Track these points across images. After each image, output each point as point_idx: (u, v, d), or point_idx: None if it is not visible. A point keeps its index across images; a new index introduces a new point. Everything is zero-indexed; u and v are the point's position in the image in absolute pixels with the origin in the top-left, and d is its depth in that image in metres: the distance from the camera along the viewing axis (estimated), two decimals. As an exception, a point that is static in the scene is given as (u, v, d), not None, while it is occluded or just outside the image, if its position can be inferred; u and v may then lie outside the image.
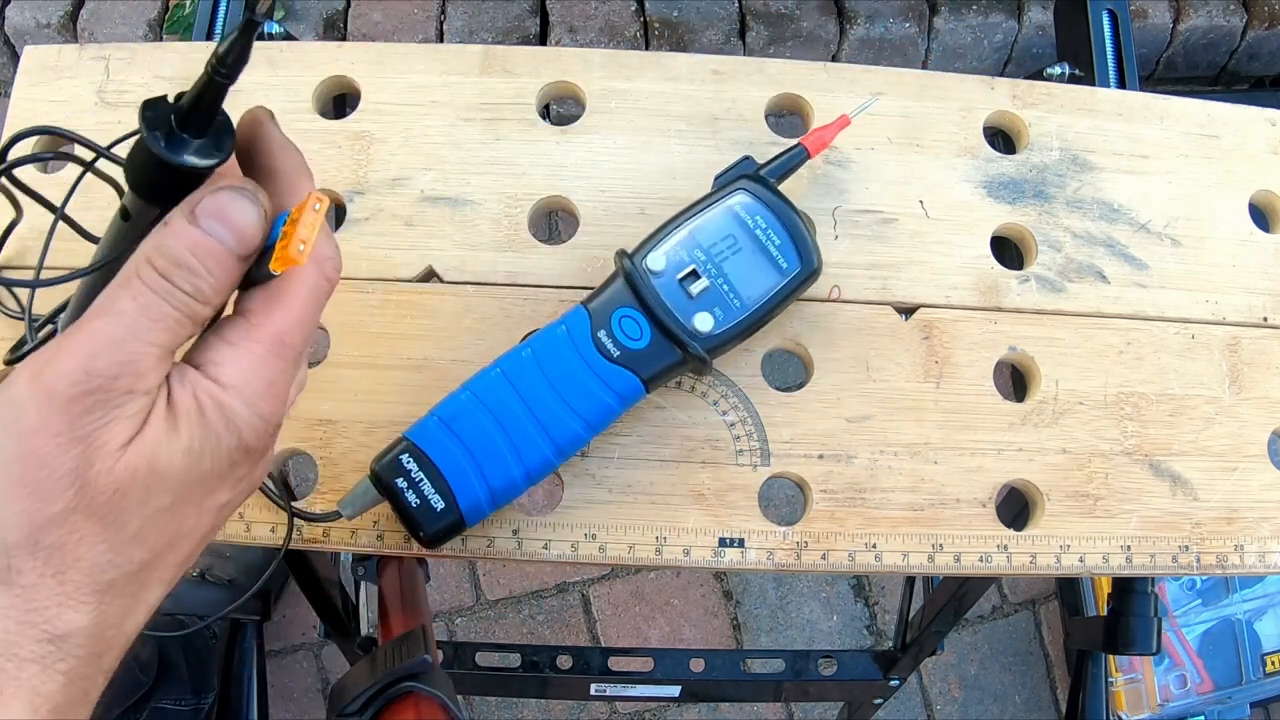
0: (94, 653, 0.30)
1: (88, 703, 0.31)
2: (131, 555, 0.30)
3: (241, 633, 0.88)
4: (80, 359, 0.29)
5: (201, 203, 0.30)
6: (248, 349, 0.31)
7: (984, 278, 0.55)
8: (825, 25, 1.45)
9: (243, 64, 0.30)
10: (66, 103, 0.55)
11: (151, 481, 0.30)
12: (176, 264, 0.30)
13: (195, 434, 0.31)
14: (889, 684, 0.97)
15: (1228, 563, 0.53)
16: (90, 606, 0.30)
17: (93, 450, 0.29)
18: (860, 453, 0.52)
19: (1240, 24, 1.51)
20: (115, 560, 0.30)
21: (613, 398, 0.47)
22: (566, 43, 1.42)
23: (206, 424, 0.31)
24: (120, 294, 0.30)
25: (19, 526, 0.29)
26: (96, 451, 0.29)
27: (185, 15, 1.40)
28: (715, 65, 0.58)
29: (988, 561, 0.51)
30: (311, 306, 0.33)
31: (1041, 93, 0.59)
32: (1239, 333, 0.56)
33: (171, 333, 0.30)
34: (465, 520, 0.46)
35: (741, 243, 0.48)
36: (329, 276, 0.33)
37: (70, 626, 0.30)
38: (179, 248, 0.30)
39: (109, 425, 0.29)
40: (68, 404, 0.29)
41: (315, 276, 0.33)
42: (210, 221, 0.30)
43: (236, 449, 0.32)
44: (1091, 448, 0.53)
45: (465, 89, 0.56)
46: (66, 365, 0.29)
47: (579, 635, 1.37)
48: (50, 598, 0.29)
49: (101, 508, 0.29)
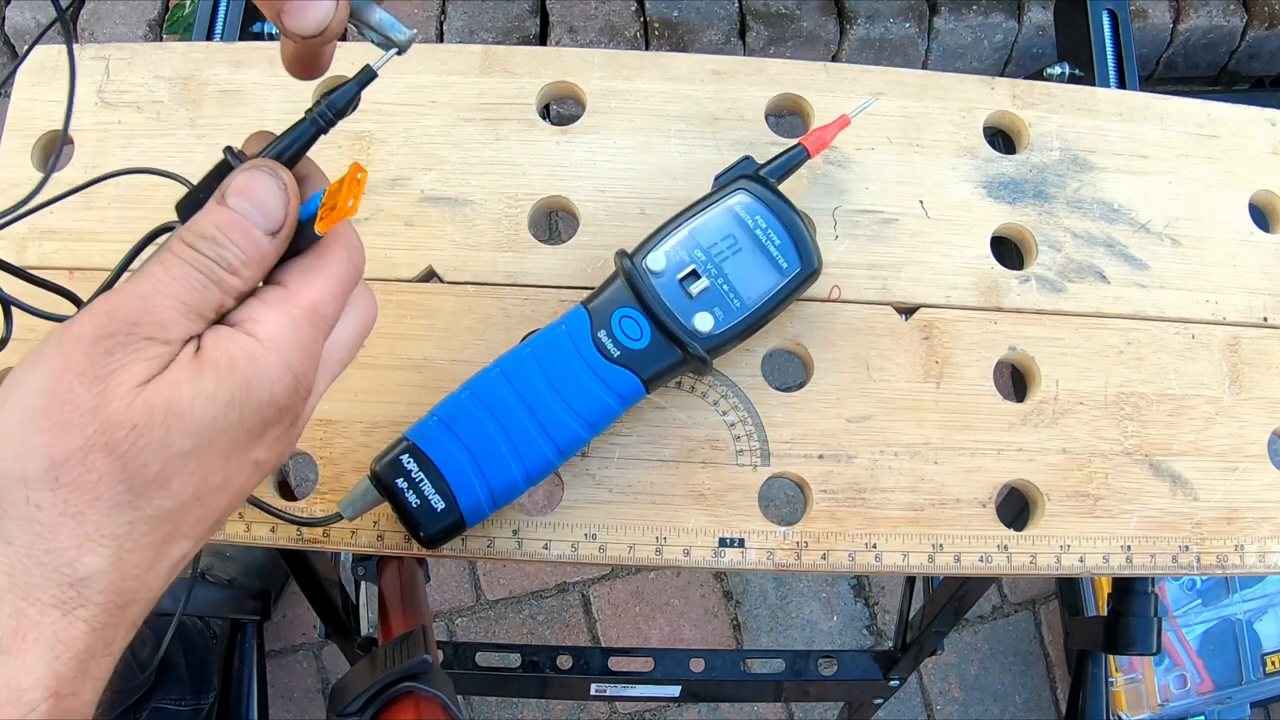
0: (115, 602, 0.30)
1: (110, 656, 0.31)
2: (151, 498, 0.31)
3: (241, 633, 0.88)
4: (105, 308, 0.30)
5: (229, 185, 0.33)
6: (285, 310, 0.33)
7: (984, 278, 0.55)
8: (825, 25, 1.45)
9: (348, 114, 0.34)
10: (66, 102, 0.55)
11: (171, 422, 0.30)
12: (202, 236, 0.32)
13: (223, 383, 0.31)
14: (889, 684, 0.97)
15: (1228, 563, 0.53)
16: (109, 550, 0.30)
17: (111, 388, 0.30)
18: (860, 453, 0.52)
19: (1240, 24, 1.51)
20: (134, 502, 0.30)
21: (613, 398, 0.47)
22: (566, 43, 1.42)
23: (236, 374, 0.31)
24: (153, 263, 0.32)
25: (39, 460, 0.29)
26: (115, 389, 0.30)
27: (185, 15, 1.40)
28: (715, 65, 0.58)
29: (988, 561, 0.51)
30: (344, 284, 0.34)
31: (1041, 93, 0.59)
32: (1239, 333, 0.56)
33: (194, 292, 0.32)
34: (465, 520, 0.46)
35: (741, 243, 0.48)
36: (356, 264, 0.35)
37: (90, 569, 0.30)
38: (206, 223, 0.32)
39: (127, 365, 0.30)
40: (90, 345, 0.30)
41: (346, 259, 0.35)
42: (236, 199, 0.33)
43: (268, 404, 0.32)
44: (1091, 448, 0.53)
45: (465, 89, 0.56)
46: (92, 312, 0.30)
47: (579, 635, 1.37)
48: (69, 538, 0.29)
49: (119, 444, 0.30)
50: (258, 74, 0.56)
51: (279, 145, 0.35)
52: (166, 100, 0.55)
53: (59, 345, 0.30)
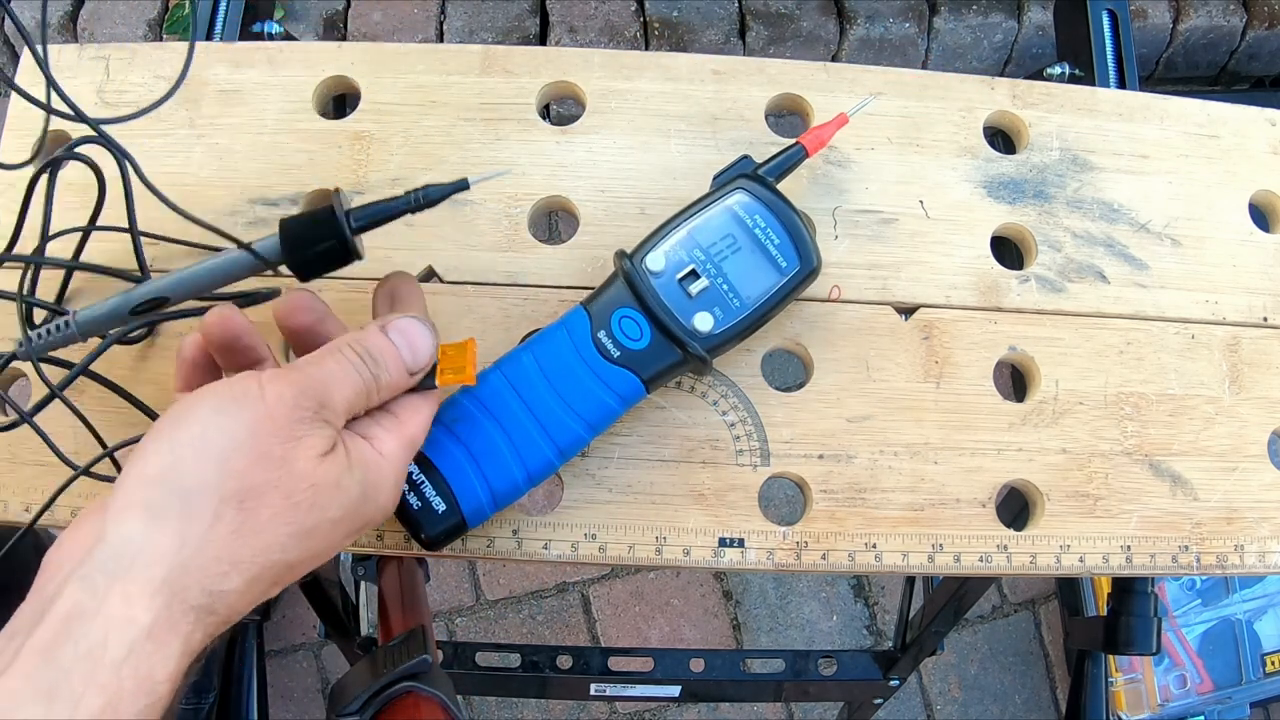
0: (228, 620, 0.35)
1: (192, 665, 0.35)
2: (295, 548, 0.36)
3: (241, 633, 0.88)
4: (299, 385, 0.37)
5: (394, 321, 0.42)
6: (398, 436, 0.41)
7: (984, 278, 0.55)
8: (825, 25, 1.45)
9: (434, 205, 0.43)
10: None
11: (335, 495, 0.37)
12: (368, 353, 0.40)
13: (366, 479, 0.39)
14: (889, 684, 0.97)
15: (1228, 563, 0.53)
16: (247, 578, 0.35)
17: (300, 450, 0.36)
18: (860, 453, 0.52)
19: (1240, 24, 1.51)
20: (286, 545, 0.36)
21: (613, 398, 0.47)
22: (566, 43, 1.42)
23: (369, 477, 0.39)
24: (326, 357, 0.39)
25: (235, 481, 0.35)
26: (303, 451, 0.36)
27: (185, 15, 1.40)
28: (715, 65, 0.58)
29: (988, 561, 0.51)
30: (429, 423, 0.43)
31: (1041, 93, 0.59)
32: (1239, 333, 0.56)
33: (356, 394, 0.39)
34: (467, 522, 0.46)
35: (741, 242, 0.48)
36: (435, 407, 0.44)
37: (229, 587, 0.35)
38: (375, 344, 0.40)
39: (311, 436, 0.37)
40: (290, 409, 0.37)
41: (436, 404, 0.44)
42: (398, 335, 0.41)
43: (380, 508, 0.40)
44: (1091, 448, 0.53)
45: (465, 89, 0.56)
46: (288, 385, 0.37)
47: (579, 635, 1.37)
48: (230, 554, 0.35)
49: (296, 494, 0.36)
50: (258, 74, 0.56)
51: (371, 210, 0.43)
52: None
53: (262, 399, 0.36)
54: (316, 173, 0.54)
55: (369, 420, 0.41)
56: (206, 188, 0.54)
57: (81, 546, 0.34)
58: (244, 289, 0.47)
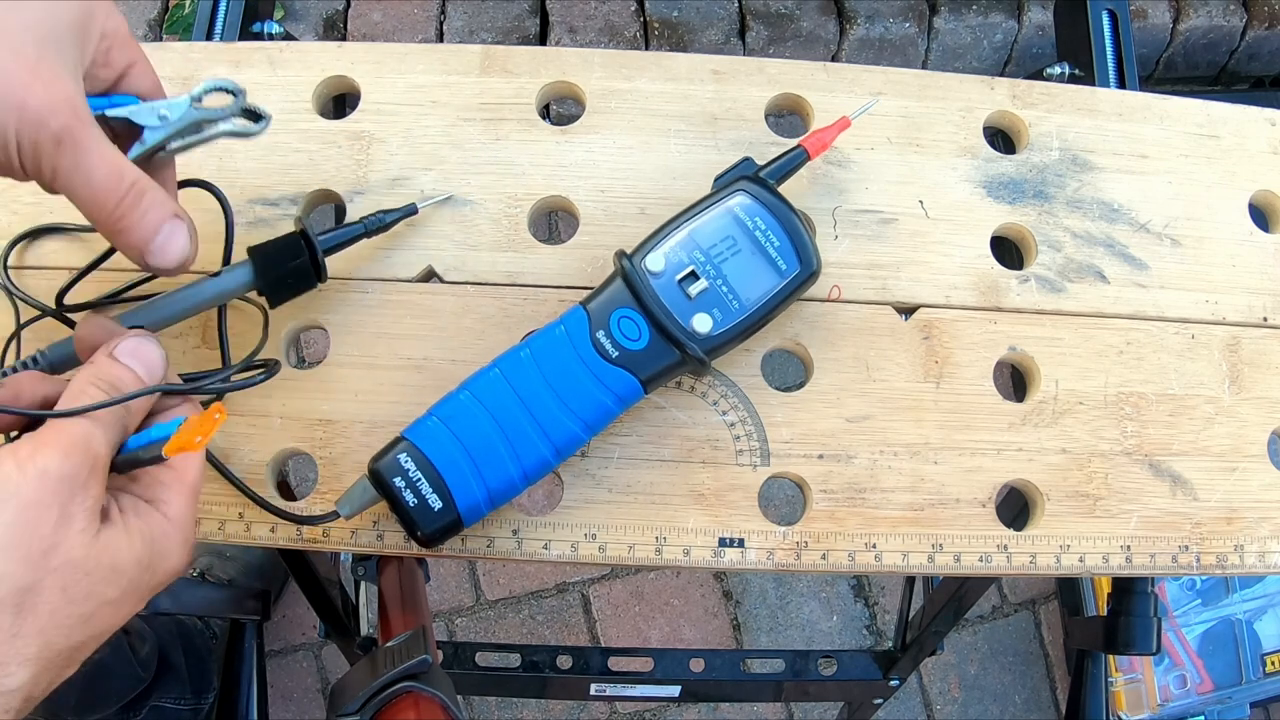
0: (22, 709, 0.34)
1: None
2: (79, 632, 0.35)
3: (241, 633, 0.88)
4: (63, 450, 0.35)
5: (119, 345, 0.40)
6: (179, 491, 0.39)
7: (984, 278, 0.55)
8: (825, 25, 1.45)
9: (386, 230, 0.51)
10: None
11: (110, 576, 0.36)
12: (112, 385, 0.39)
13: (147, 550, 0.37)
14: (889, 684, 0.97)
15: (1228, 563, 0.53)
16: (30, 672, 0.34)
17: (69, 534, 0.34)
18: (860, 453, 0.52)
19: (1240, 24, 1.51)
20: (71, 632, 0.35)
21: (611, 399, 0.47)
22: (566, 43, 1.42)
23: (156, 546, 0.37)
24: (77, 404, 0.37)
25: (6, 585, 0.33)
26: (72, 535, 0.34)
27: (185, 15, 1.40)
28: (715, 65, 0.58)
29: (988, 561, 0.51)
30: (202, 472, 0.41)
31: (1041, 93, 0.59)
32: (1239, 333, 0.56)
33: (116, 434, 0.38)
34: (463, 520, 0.46)
35: (741, 244, 0.48)
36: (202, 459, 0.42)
37: (12, 685, 0.33)
38: (112, 374, 0.39)
39: (79, 514, 0.35)
40: (56, 484, 0.34)
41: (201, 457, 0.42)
42: (129, 358, 0.40)
43: (171, 572, 0.39)
44: (1091, 448, 0.53)
45: (465, 89, 0.56)
46: (52, 457, 0.35)
47: (579, 635, 1.37)
48: (12, 657, 0.33)
49: (72, 586, 0.34)
50: (258, 74, 0.56)
51: (334, 235, 0.48)
52: (166, 100, 0.55)
53: (23, 484, 0.34)
54: (316, 173, 0.54)
55: (156, 483, 0.39)
56: (206, 188, 0.54)
57: None
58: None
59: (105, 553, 0.36)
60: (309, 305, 0.52)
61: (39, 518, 0.34)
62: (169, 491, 0.39)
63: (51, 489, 0.34)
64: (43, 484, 0.34)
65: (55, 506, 0.34)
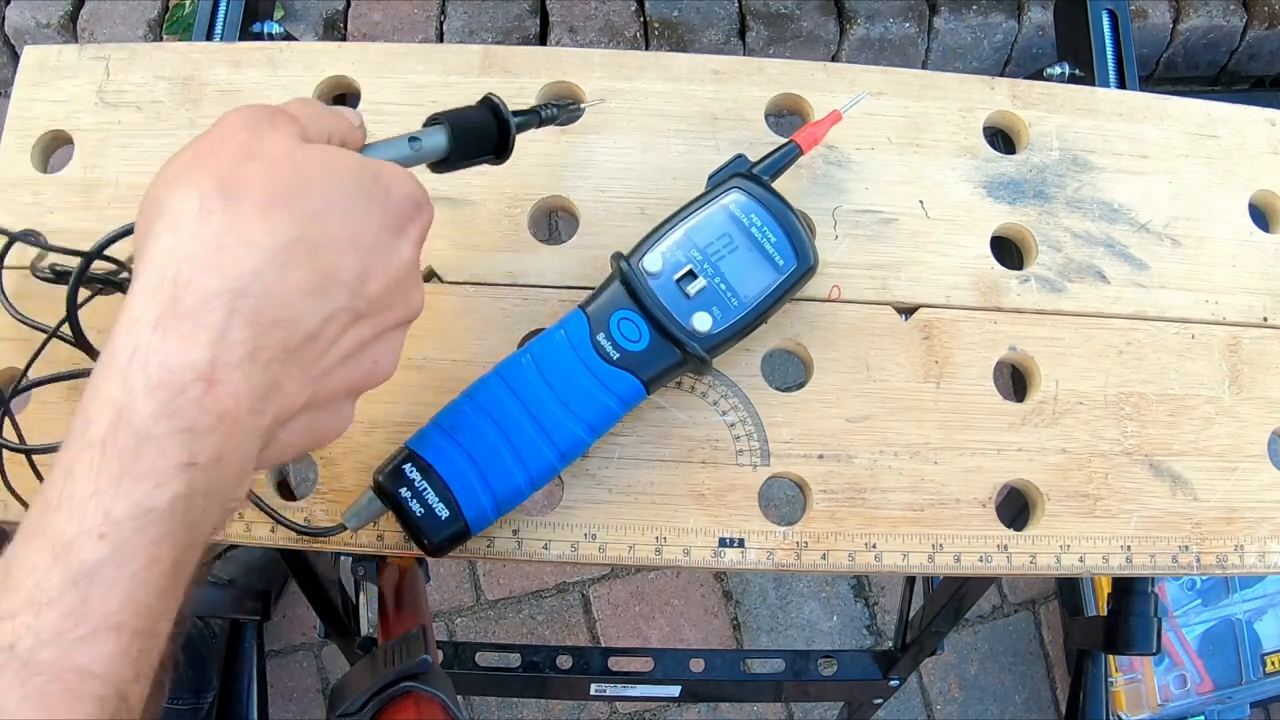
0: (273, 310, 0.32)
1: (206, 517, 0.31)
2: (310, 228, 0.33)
3: (241, 633, 0.88)
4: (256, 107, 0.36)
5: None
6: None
7: (984, 278, 0.55)
8: (825, 25, 1.45)
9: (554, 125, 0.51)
10: (67, 102, 0.55)
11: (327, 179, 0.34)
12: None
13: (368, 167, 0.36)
14: (889, 684, 0.97)
15: (1228, 563, 0.53)
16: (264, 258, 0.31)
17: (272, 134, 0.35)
18: (860, 453, 0.52)
19: (1240, 24, 1.51)
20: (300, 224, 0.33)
21: (613, 400, 0.47)
22: (566, 43, 1.42)
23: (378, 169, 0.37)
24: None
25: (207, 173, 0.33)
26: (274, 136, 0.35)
27: (185, 15, 1.40)
28: (715, 65, 0.58)
29: (988, 561, 0.51)
30: None
31: (1041, 93, 0.59)
32: (1239, 333, 0.56)
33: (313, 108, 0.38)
34: (470, 528, 0.46)
35: (737, 241, 0.48)
36: None
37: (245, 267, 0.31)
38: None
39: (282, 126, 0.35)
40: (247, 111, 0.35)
41: None
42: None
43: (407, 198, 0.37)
44: (1091, 448, 0.53)
45: (465, 89, 0.56)
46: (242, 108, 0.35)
47: (579, 635, 1.37)
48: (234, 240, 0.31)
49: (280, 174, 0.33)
50: (258, 74, 0.56)
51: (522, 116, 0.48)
52: (166, 100, 0.55)
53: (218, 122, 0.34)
54: (316, 173, 0.54)
55: None
56: (206, 188, 0.54)
57: None
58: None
59: (316, 152, 0.34)
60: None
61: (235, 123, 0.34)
62: None
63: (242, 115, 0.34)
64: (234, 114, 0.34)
65: (249, 119, 0.34)
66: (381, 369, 0.37)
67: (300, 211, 0.33)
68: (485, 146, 0.46)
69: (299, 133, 0.35)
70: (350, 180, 0.35)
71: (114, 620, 0.29)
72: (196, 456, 0.30)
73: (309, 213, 0.33)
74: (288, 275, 0.32)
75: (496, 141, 0.46)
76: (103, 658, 0.28)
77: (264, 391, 0.32)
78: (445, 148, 0.44)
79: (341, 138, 0.38)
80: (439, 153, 0.44)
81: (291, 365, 0.33)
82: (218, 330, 0.30)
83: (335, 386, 0.35)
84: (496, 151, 0.47)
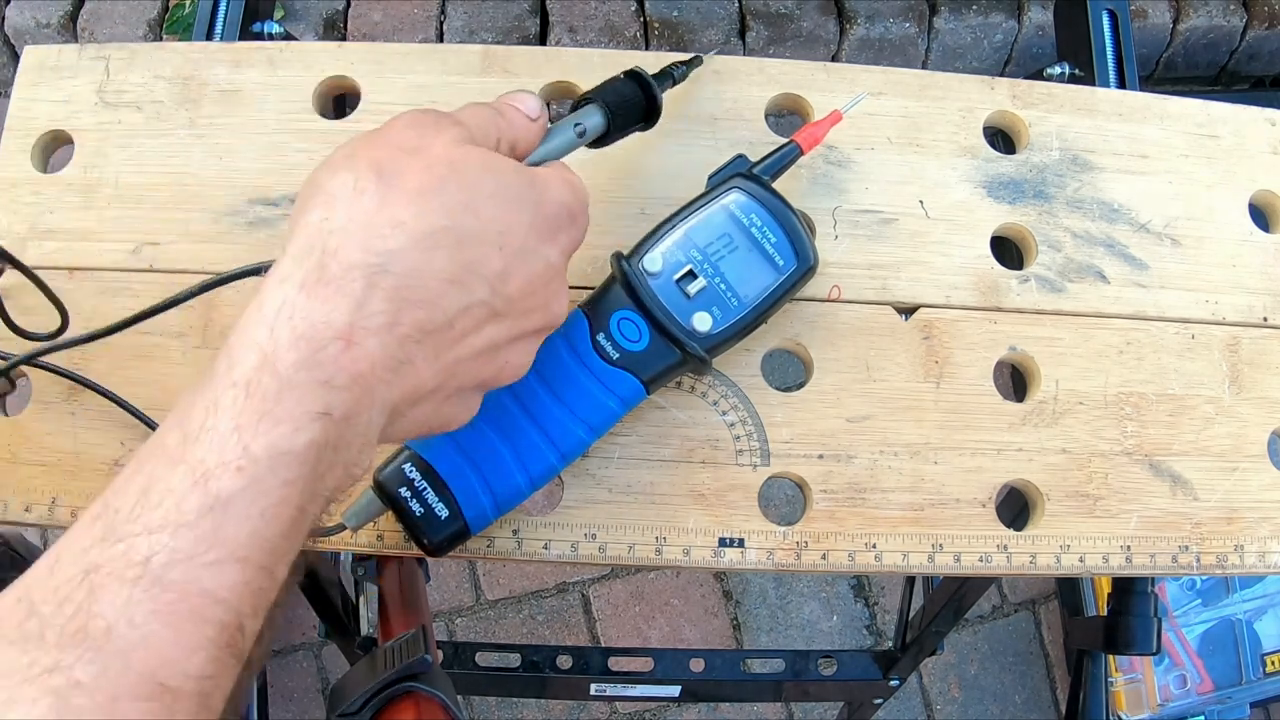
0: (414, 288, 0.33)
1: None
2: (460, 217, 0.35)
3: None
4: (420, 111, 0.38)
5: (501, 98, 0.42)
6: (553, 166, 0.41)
7: (984, 278, 0.55)
8: (825, 25, 1.45)
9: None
10: (67, 102, 0.55)
11: (482, 174, 0.36)
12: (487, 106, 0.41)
13: (523, 174, 0.38)
14: (889, 684, 0.97)
15: (1228, 563, 0.53)
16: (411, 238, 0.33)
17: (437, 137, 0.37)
18: (860, 453, 0.52)
19: (1240, 24, 1.51)
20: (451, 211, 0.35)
21: (614, 401, 0.47)
22: (566, 43, 1.42)
23: (534, 175, 0.39)
24: None
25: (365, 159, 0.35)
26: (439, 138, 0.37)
27: (185, 15, 1.40)
28: (715, 65, 0.58)
29: (988, 561, 0.51)
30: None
31: (1041, 93, 0.59)
32: (1239, 333, 0.56)
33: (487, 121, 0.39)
34: (470, 528, 0.46)
35: (737, 241, 0.48)
36: None
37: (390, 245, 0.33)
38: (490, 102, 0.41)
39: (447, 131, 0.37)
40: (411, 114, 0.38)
41: None
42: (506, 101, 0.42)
43: (560, 205, 0.39)
44: (1091, 448, 0.53)
45: (465, 89, 0.56)
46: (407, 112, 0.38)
47: (579, 635, 1.37)
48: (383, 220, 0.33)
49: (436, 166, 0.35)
50: (258, 74, 0.56)
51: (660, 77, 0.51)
52: (166, 100, 0.55)
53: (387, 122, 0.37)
54: (316, 173, 0.54)
55: None
56: (206, 188, 0.54)
57: None
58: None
59: (473, 153, 0.36)
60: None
61: (403, 124, 0.36)
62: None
63: (413, 115, 0.37)
64: (398, 117, 0.37)
65: (413, 123, 0.36)
66: (510, 370, 0.39)
67: (451, 202, 0.34)
68: (636, 116, 0.49)
69: (463, 135, 0.37)
70: (505, 182, 0.36)
71: (241, 552, 0.30)
72: (332, 409, 0.31)
73: (459, 204, 0.34)
74: (431, 260, 0.34)
75: (645, 109, 0.49)
76: (228, 585, 0.30)
77: (397, 365, 0.33)
78: (604, 125, 0.47)
79: (512, 141, 0.40)
80: (599, 131, 0.47)
81: (426, 346, 0.34)
82: (357, 299, 0.32)
83: (465, 378, 0.37)
84: (645, 118, 0.50)
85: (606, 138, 0.48)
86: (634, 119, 0.49)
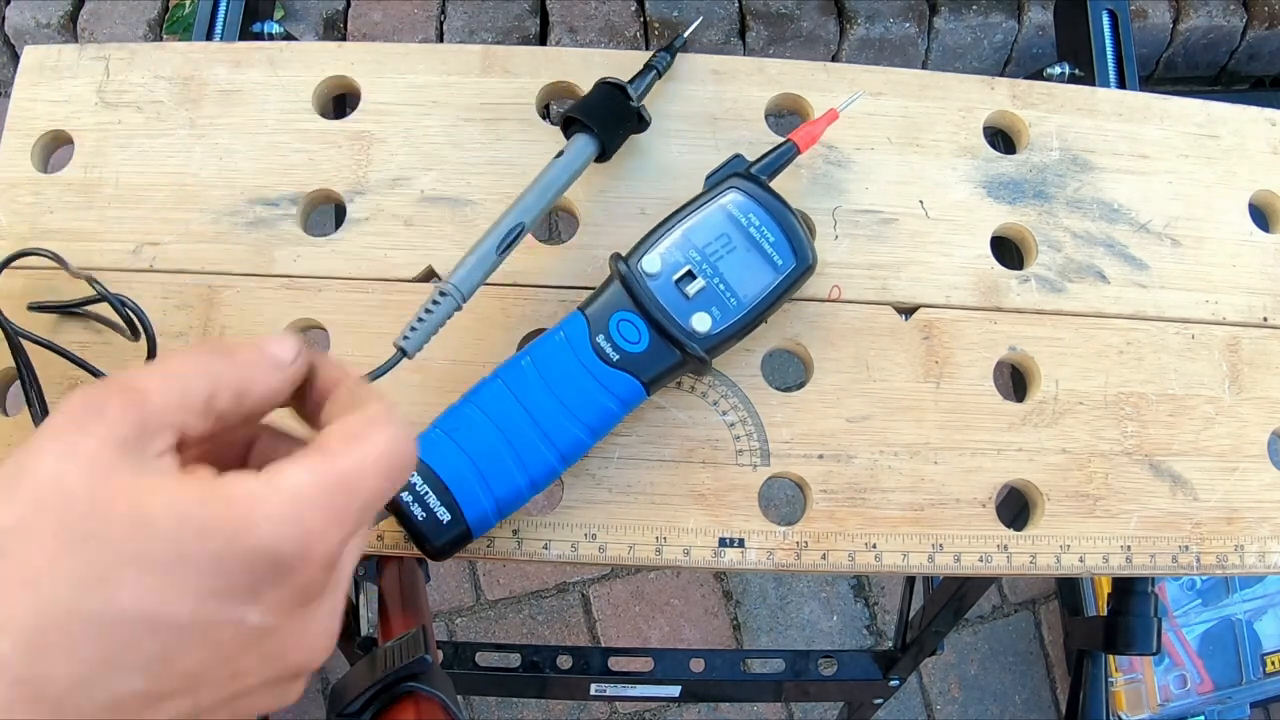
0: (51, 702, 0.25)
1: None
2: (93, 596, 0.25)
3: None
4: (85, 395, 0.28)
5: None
6: (309, 466, 0.28)
7: (984, 278, 0.55)
8: (825, 25, 1.45)
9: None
10: (67, 103, 0.55)
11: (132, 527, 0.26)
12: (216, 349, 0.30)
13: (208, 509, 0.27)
14: (889, 684, 0.97)
15: (1228, 563, 0.53)
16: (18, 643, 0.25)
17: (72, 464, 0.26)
18: (860, 453, 0.52)
19: (1240, 24, 1.51)
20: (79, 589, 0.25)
21: (614, 402, 0.47)
22: (566, 43, 1.42)
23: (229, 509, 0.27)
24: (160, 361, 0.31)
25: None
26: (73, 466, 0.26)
27: (185, 15, 1.40)
28: (715, 65, 0.58)
29: (988, 561, 0.51)
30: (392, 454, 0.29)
31: (1041, 93, 0.59)
32: (1239, 333, 0.56)
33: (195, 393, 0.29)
34: (472, 532, 0.46)
35: (736, 241, 0.48)
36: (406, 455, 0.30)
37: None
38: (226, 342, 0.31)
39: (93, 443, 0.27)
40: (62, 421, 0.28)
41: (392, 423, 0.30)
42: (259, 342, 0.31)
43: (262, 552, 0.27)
44: (1091, 448, 0.53)
45: (465, 89, 0.56)
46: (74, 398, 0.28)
47: (579, 635, 1.37)
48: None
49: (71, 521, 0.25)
50: (258, 74, 0.56)
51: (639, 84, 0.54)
52: (166, 100, 0.55)
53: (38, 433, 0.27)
54: (316, 173, 0.54)
55: (272, 444, 0.32)
56: (206, 188, 0.54)
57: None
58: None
59: (123, 493, 0.26)
60: (311, 305, 0.52)
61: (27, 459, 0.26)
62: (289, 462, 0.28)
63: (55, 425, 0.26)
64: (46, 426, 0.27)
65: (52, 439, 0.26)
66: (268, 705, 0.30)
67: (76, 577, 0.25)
68: (627, 125, 0.52)
69: (121, 439, 0.27)
70: (161, 533, 0.26)
71: None
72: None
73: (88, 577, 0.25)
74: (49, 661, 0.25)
75: (634, 115, 0.52)
76: None
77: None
78: (597, 148, 0.50)
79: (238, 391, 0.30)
80: (592, 157, 0.50)
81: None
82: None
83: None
84: (636, 121, 0.53)
85: (604, 155, 0.51)
86: (623, 128, 0.52)
